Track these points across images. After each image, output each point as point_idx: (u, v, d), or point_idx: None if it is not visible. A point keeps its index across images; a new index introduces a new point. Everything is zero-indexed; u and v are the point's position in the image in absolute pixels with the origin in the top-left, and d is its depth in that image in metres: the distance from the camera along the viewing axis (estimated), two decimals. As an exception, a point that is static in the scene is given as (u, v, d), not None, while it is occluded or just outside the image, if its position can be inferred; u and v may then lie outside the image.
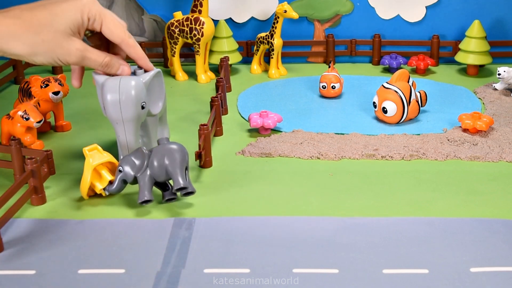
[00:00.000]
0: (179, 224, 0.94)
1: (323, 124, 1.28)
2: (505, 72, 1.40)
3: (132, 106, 1.01)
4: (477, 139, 1.19)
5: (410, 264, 0.84)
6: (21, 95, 1.25)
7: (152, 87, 1.06)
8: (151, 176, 0.97)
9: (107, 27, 0.98)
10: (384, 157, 1.14)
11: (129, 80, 1.01)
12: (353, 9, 1.65)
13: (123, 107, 1.01)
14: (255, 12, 1.65)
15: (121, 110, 1.01)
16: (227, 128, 1.27)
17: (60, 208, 0.99)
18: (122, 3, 1.64)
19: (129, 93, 1.00)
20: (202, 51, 1.52)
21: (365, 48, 1.66)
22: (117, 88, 1.00)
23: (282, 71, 1.59)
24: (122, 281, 0.81)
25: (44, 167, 1.04)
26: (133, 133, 1.03)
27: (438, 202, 0.99)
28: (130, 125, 1.03)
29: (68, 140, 1.24)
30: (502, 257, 0.85)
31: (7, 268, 0.84)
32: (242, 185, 1.05)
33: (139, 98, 1.01)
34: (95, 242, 0.90)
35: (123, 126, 1.03)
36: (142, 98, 1.02)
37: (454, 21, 1.63)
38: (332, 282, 0.81)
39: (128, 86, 1.01)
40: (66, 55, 0.95)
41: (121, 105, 1.01)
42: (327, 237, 0.90)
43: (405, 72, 1.27)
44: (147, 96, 1.04)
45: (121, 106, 1.01)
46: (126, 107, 1.01)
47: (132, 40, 1.01)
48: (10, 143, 1.05)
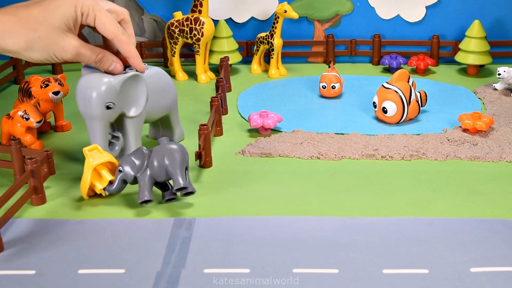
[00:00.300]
0: (179, 224, 0.94)
1: (323, 124, 1.28)
2: (505, 72, 1.40)
3: (94, 104, 1.02)
4: (477, 139, 1.19)
5: (410, 264, 0.84)
6: (21, 95, 1.25)
7: (126, 89, 1.06)
8: (151, 176, 0.97)
9: (100, 22, 0.99)
10: (384, 157, 1.14)
11: (100, 78, 1.03)
12: (353, 9, 1.65)
13: (87, 103, 1.03)
14: (255, 12, 1.65)
15: (85, 106, 1.04)
16: (227, 128, 1.27)
17: (60, 208, 0.99)
18: (122, 3, 1.64)
19: (93, 90, 1.02)
20: (202, 51, 1.52)
21: (365, 48, 1.66)
22: (87, 84, 1.03)
23: (282, 71, 1.59)
24: (122, 281, 0.81)
25: (44, 167, 1.04)
26: (98, 131, 1.05)
27: (438, 202, 0.99)
28: (94, 123, 1.05)
29: (68, 140, 1.24)
30: (502, 257, 0.85)
31: (7, 268, 0.84)
32: (242, 185, 1.05)
33: (103, 98, 1.03)
34: (95, 242, 0.90)
35: (90, 123, 1.05)
36: (108, 98, 1.03)
37: (454, 21, 1.63)
38: (332, 282, 0.81)
39: (95, 83, 1.02)
40: (61, 52, 0.97)
41: (85, 101, 1.03)
42: (327, 237, 0.90)
43: (405, 72, 1.27)
44: (118, 97, 1.04)
45: (85, 102, 1.03)
46: (90, 104, 1.03)
47: (125, 36, 1.01)
48: (10, 143, 1.05)
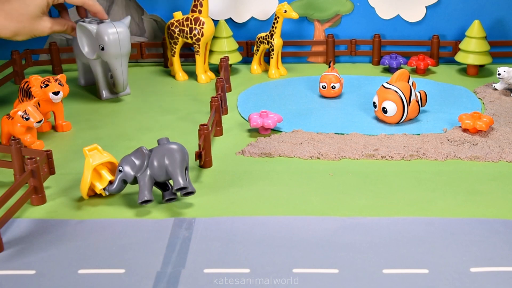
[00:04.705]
0: (179, 224, 0.94)
1: (323, 124, 1.28)
2: (505, 72, 1.40)
3: (129, 42, 1.35)
4: (477, 139, 1.19)
5: (410, 264, 0.84)
6: (21, 95, 1.25)
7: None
8: (151, 176, 0.97)
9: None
10: (384, 157, 1.14)
11: (120, 24, 1.34)
12: (353, 9, 1.65)
13: (126, 43, 1.34)
14: (255, 12, 1.65)
15: (124, 45, 1.34)
16: (227, 128, 1.27)
17: (60, 208, 0.99)
18: (122, 3, 1.64)
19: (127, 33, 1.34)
20: (202, 51, 1.52)
21: (365, 48, 1.66)
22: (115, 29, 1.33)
23: (282, 71, 1.59)
24: (122, 281, 0.81)
25: (44, 167, 1.04)
26: (127, 66, 1.37)
27: (438, 202, 0.99)
28: (125, 60, 1.36)
29: (68, 140, 1.24)
30: (502, 257, 0.85)
31: (7, 268, 0.84)
32: (242, 185, 1.05)
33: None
34: (95, 242, 0.90)
35: (123, 59, 1.35)
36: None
37: (454, 21, 1.63)
38: (332, 282, 0.81)
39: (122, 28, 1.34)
40: (40, 32, 1.30)
41: (123, 42, 1.33)
42: (327, 237, 0.90)
43: (405, 72, 1.27)
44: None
45: (123, 42, 1.34)
46: (124, 43, 1.34)
47: (90, 0, 1.34)
48: (10, 143, 1.05)
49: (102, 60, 1.38)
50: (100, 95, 1.44)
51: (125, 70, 1.38)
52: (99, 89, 1.43)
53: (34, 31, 1.29)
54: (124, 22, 1.36)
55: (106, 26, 1.33)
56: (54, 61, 1.61)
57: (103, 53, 1.34)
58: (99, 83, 1.43)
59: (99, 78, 1.42)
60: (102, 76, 1.42)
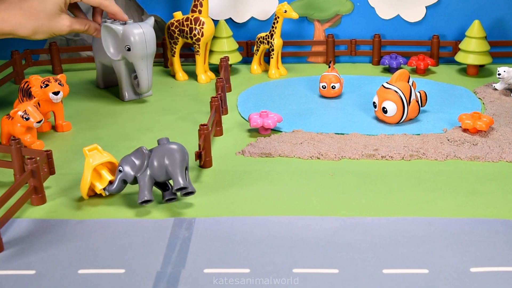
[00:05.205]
0: (179, 224, 0.94)
1: (323, 124, 1.28)
2: (505, 72, 1.40)
3: (154, 42, 1.35)
4: (477, 139, 1.19)
5: (410, 264, 0.84)
6: (21, 95, 1.25)
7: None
8: (151, 176, 0.97)
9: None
10: (384, 157, 1.14)
11: (146, 25, 1.34)
12: (353, 9, 1.65)
13: (152, 44, 1.34)
14: (255, 12, 1.65)
15: (149, 46, 1.34)
16: (227, 128, 1.27)
17: (60, 208, 0.99)
18: (122, 3, 1.64)
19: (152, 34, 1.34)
20: (202, 51, 1.52)
21: (365, 48, 1.66)
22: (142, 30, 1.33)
23: (282, 71, 1.59)
24: (122, 281, 0.81)
25: (44, 167, 1.04)
26: (152, 67, 1.38)
27: (438, 202, 0.99)
28: (151, 60, 1.36)
29: (68, 140, 1.24)
30: (502, 257, 0.85)
31: (7, 268, 0.84)
32: (242, 185, 1.05)
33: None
34: (95, 242, 0.90)
35: (149, 60, 1.35)
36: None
37: (454, 21, 1.63)
38: (332, 282, 0.81)
39: (148, 29, 1.34)
40: (59, 31, 1.28)
41: (150, 43, 1.34)
42: (327, 237, 0.90)
43: (405, 72, 1.27)
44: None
45: (150, 44, 1.34)
46: (154, 44, 1.35)
47: (107, 1, 1.31)
48: (10, 143, 1.05)
49: (126, 61, 1.37)
50: (122, 97, 1.42)
51: (150, 71, 1.37)
52: (122, 90, 1.42)
53: (53, 29, 1.26)
54: (149, 23, 1.35)
55: (132, 27, 1.32)
56: (54, 61, 1.61)
57: (129, 53, 1.33)
58: (122, 84, 1.41)
59: (123, 79, 1.40)
60: (126, 77, 1.40)
